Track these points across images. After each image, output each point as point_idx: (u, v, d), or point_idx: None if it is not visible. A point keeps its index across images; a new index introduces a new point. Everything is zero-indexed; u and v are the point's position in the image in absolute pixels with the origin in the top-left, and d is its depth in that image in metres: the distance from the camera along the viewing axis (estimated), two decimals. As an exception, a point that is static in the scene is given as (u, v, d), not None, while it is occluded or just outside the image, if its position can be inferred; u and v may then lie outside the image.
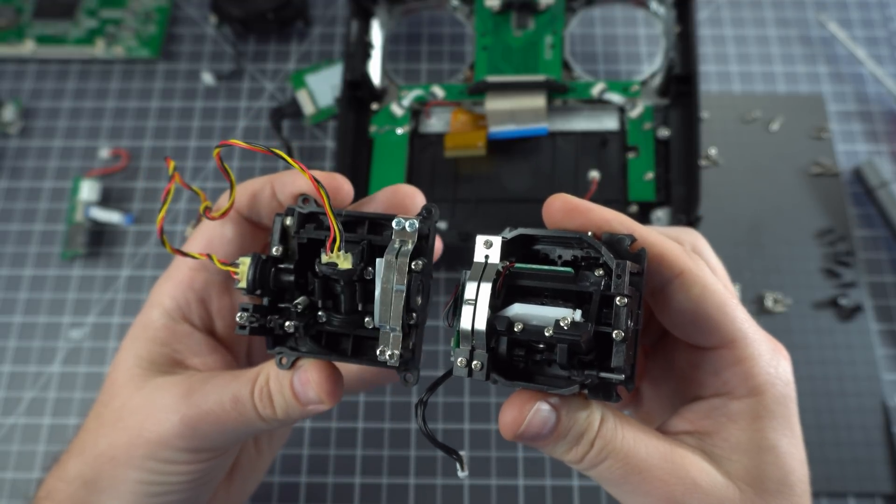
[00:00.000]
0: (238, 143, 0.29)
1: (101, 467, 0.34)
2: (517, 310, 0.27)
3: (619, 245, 0.28)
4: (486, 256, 0.28)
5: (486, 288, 0.27)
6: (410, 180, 0.58)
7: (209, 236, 0.36)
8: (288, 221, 0.31)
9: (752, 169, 0.63)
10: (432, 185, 0.58)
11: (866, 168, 0.61)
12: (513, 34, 0.61)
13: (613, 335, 0.26)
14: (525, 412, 0.28)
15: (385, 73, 0.62)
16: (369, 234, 0.31)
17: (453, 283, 0.60)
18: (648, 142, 0.57)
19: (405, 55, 0.69)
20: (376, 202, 0.34)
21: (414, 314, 0.29)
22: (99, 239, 0.63)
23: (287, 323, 0.30)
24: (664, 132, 0.57)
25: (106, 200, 0.64)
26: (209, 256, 0.31)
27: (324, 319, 0.30)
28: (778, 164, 0.63)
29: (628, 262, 0.27)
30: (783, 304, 0.58)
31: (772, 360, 0.31)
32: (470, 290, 0.27)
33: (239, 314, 0.29)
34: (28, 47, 0.69)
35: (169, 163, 0.28)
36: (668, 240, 0.30)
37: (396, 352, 0.29)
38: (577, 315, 0.26)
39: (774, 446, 0.30)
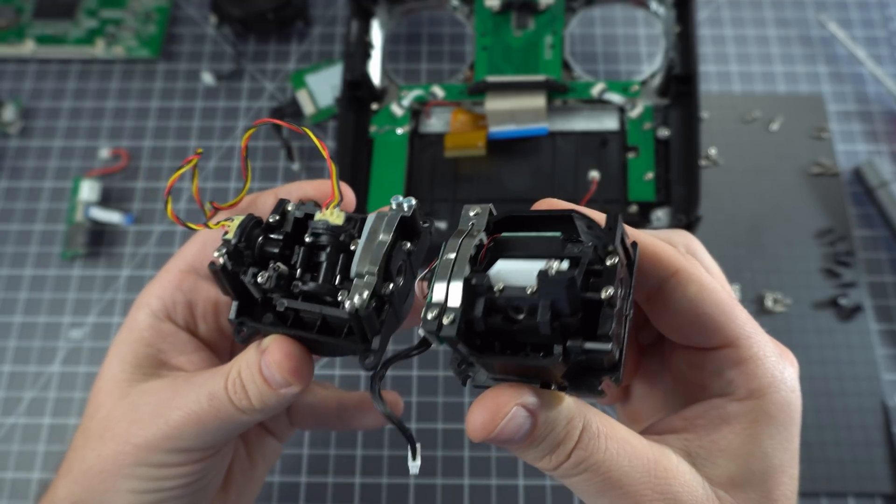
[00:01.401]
0: (274, 120, 0.30)
1: (91, 483, 0.33)
2: (499, 267, 0.25)
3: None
4: (472, 224, 0.27)
5: (469, 245, 0.25)
6: (410, 180, 0.58)
7: (204, 239, 0.36)
8: (290, 207, 0.31)
9: (752, 169, 0.63)
10: (432, 185, 0.58)
11: (866, 168, 0.61)
12: (513, 34, 0.61)
13: (602, 295, 0.23)
14: (499, 414, 0.25)
15: (385, 73, 0.62)
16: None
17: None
18: (648, 142, 0.57)
19: (405, 55, 0.69)
20: None
21: (390, 285, 0.28)
22: (99, 239, 0.63)
23: (261, 273, 0.29)
24: (664, 132, 0.57)
25: (106, 200, 0.64)
26: (206, 225, 0.31)
27: (299, 286, 0.29)
28: (778, 164, 0.63)
29: (620, 216, 0.25)
30: (783, 304, 0.58)
31: (777, 364, 0.29)
32: (450, 249, 0.25)
33: (216, 251, 0.29)
34: (28, 47, 0.69)
35: (198, 150, 0.30)
36: (660, 241, 0.29)
37: (366, 294, 0.27)
38: (564, 265, 0.24)
39: (766, 455, 0.28)
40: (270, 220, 0.30)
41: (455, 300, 0.24)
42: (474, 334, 0.25)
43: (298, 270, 0.30)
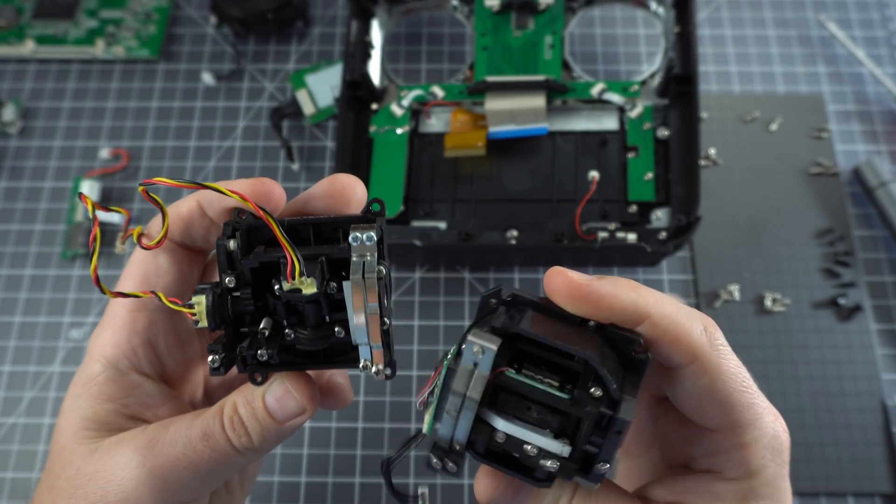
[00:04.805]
0: (165, 181, 0.28)
1: None
2: (501, 426, 0.26)
3: (623, 347, 0.27)
4: (476, 364, 0.26)
5: (475, 388, 0.26)
6: (410, 180, 0.58)
7: (144, 270, 0.33)
8: (231, 245, 0.29)
9: (752, 169, 0.63)
10: (432, 185, 0.58)
11: (865, 168, 0.61)
12: (512, 34, 0.61)
13: (600, 469, 0.26)
14: (498, 484, 0.28)
15: (385, 73, 0.62)
16: (318, 243, 0.30)
17: (452, 284, 0.60)
18: (648, 142, 0.57)
19: (405, 55, 0.69)
20: (314, 196, 0.31)
21: (386, 320, 0.29)
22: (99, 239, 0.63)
23: (259, 352, 0.29)
24: (664, 132, 0.57)
25: (106, 200, 0.64)
26: (155, 294, 0.29)
27: (291, 336, 0.30)
28: (777, 164, 0.63)
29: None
30: (782, 303, 0.58)
31: (772, 442, 0.29)
32: (458, 382, 0.26)
33: (210, 358, 0.28)
34: (28, 47, 0.69)
35: (85, 201, 0.27)
36: (685, 320, 0.28)
37: (380, 366, 0.30)
38: (566, 451, 0.26)
39: None
40: (228, 284, 0.29)
41: (462, 438, 0.27)
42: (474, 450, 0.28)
43: (284, 320, 0.30)
